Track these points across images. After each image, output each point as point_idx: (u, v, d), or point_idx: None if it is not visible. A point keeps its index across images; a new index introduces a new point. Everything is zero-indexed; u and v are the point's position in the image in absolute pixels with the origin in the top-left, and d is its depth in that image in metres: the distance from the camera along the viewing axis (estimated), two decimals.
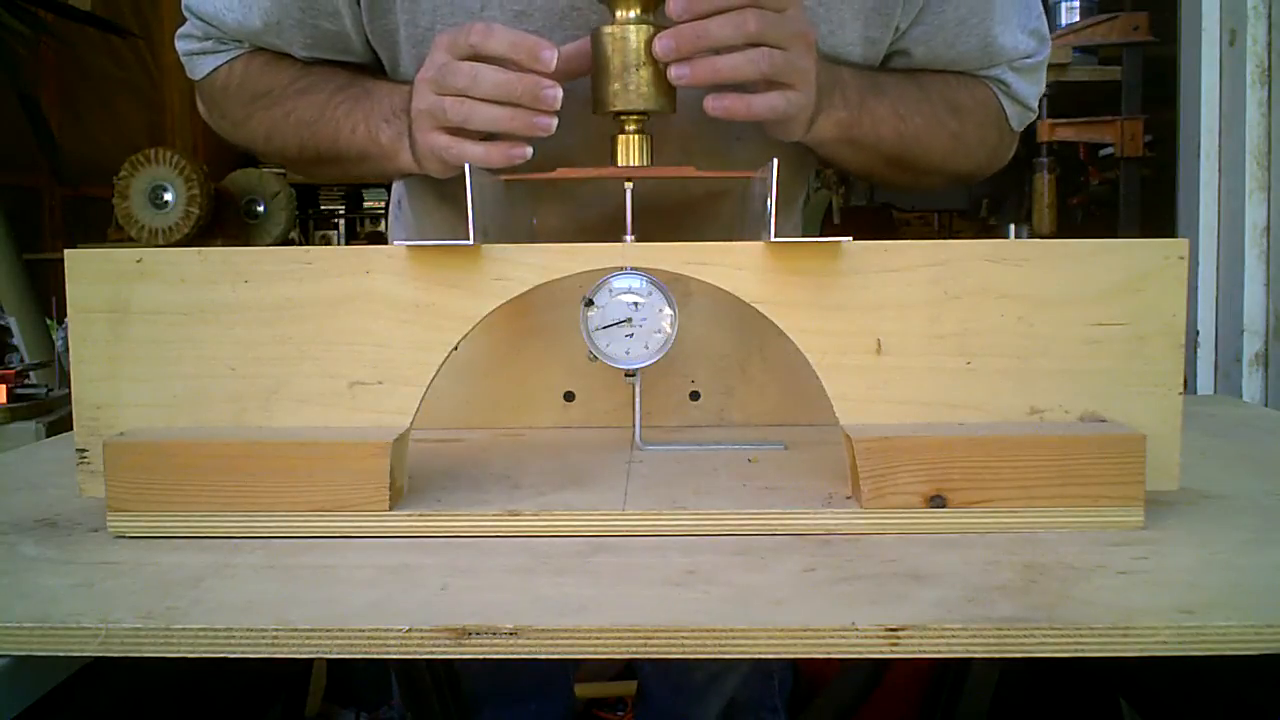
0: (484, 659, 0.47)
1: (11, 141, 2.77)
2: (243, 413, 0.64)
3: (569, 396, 0.83)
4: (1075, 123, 1.98)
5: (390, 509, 0.60)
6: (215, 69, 0.90)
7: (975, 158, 0.93)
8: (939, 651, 0.46)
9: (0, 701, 0.49)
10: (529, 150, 0.73)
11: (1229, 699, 0.68)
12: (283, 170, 3.01)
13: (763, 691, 1.19)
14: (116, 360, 0.64)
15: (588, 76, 0.74)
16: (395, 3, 0.80)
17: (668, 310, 0.67)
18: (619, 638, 0.47)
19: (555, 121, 0.70)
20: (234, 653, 0.47)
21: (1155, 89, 1.90)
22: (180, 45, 0.91)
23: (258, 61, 0.89)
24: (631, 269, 0.66)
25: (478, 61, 0.71)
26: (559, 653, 0.47)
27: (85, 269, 0.63)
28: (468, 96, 0.71)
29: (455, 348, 0.64)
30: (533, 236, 0.92)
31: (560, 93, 0.70)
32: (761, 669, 1.16)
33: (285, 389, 0.64)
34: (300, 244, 3.78)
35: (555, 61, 0.69)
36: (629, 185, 0.73)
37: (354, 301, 0.63)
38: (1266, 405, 1.62)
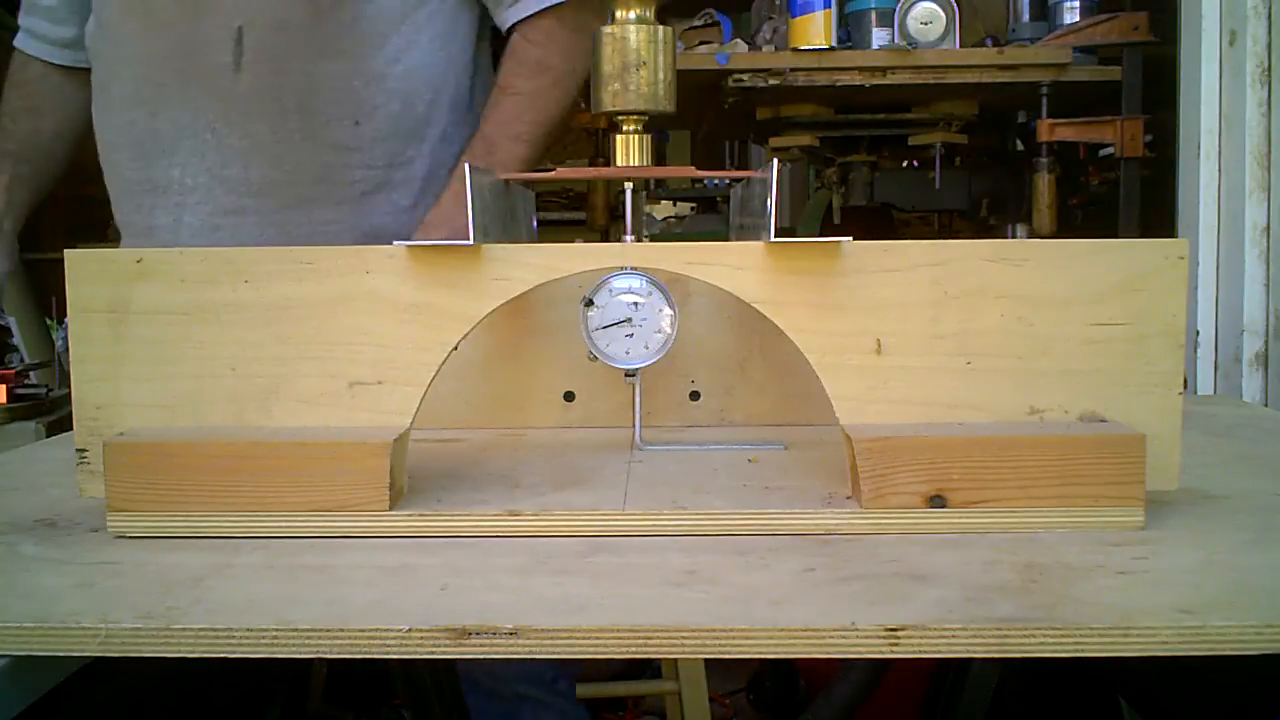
0: (486, 658, 0.47)
1: None
2: (243, 413, 0.64)
3: (569, 396, 0.83)
4: (1075, 123, 1.98)
5: (390, 509, 0.60)
6: None
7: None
8: (939, 651, 0.46)
9: (0, 701, 0.49)
10: None
11: (1229, 699, 0.68)
12: None
13: (541, 667, 1.23)
14: (116, 360, 0.64)
15: None
16: None
17: (668, 310, 0.67)
18: (619, 638, 0.47)
19: None
20: (234, 653, 0.47)
21: (1155, 89, 1.90)
22: None
23: None
24: (631, 269, 0.66)
25: None
26: (559, 653, 0.47)
27: (85, 269, 0.63)
28: None
29: (455, 348, 0.64)
30: (532, 236, 0.92)
31: None
32: None
33: (285, 389, 0.64)
34: None
35: None
36: (629, 185, 0.73)
37: (354, 301, 0.63)
38: (1266, 405, 1.62)
